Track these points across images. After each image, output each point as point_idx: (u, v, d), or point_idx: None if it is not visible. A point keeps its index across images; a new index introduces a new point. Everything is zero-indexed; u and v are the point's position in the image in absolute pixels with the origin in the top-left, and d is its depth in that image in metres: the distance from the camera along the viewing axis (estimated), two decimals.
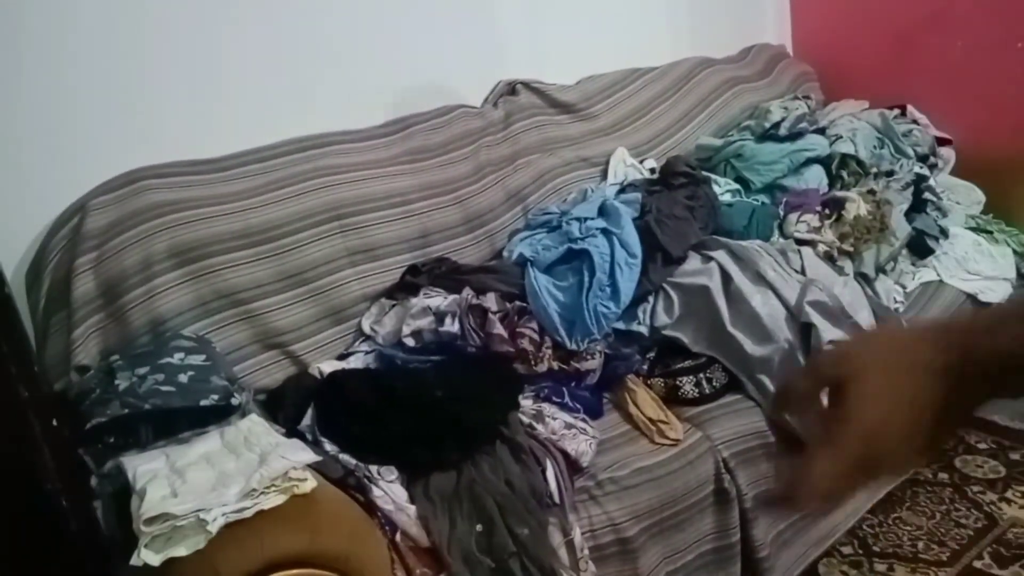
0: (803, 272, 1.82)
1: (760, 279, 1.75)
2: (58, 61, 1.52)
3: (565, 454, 1.47)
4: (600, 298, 1.74)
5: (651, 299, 1.82)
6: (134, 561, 1.06)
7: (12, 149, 1.50)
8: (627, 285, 1.78)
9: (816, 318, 1.65)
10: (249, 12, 1.74)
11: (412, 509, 1.34)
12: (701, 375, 1.69)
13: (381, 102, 1.97)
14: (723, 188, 2.20)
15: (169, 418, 1.31)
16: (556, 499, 1.41)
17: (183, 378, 1.37)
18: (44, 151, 1.53)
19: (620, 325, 1.79)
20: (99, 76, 1.57)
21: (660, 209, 1.96)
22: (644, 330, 1.79)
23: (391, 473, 1.38)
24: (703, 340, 1.74)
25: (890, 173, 2.30)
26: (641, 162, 2.29)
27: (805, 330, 1.67)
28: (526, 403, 1.58)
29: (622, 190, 2.10)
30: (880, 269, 2.05)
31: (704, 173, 2.22)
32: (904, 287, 2.10)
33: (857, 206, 2.08)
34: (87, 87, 1.56)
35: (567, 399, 1.62)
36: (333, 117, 1.88)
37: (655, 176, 2.22)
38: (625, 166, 2.25)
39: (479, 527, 1.32)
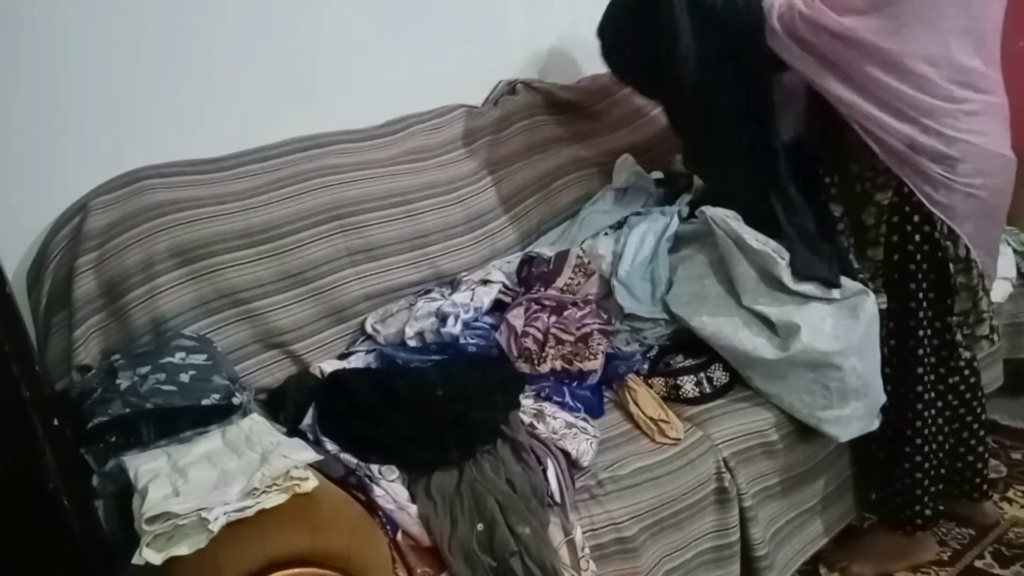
0: None
1: None
2: (58, 60, 1.52)
3: (566, 453, 1.47)
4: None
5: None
6: (136, 560, 1.07)
7: (13, 149, 1.50)
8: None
9: None
10: (249, 12, 1.74)
11: (413, 508, 1.34)
12: (702, 374, 1.70)
13: (381, 102, 1.97)
14: None
15: (171, 417, 1.32)
16: (557, 498, 1.41)
17: (184, 377, 1.37)
18: (45, 151, 1.54)
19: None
20: (100, 75, 1.57)
21: None
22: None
23: (392, 472, 1.39)
24: None
25: None
26: (648, 172, 2.26)
27: None
28: (527, 402, 1.58)
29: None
30: None
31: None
32: None
33: None
34: (87, 87, 1.56)
35: (568, 398, 1.62)
36: (333, 117, 1.88)
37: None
38: (629, 173, 2.23)
39: (480, 526, 1.32)
